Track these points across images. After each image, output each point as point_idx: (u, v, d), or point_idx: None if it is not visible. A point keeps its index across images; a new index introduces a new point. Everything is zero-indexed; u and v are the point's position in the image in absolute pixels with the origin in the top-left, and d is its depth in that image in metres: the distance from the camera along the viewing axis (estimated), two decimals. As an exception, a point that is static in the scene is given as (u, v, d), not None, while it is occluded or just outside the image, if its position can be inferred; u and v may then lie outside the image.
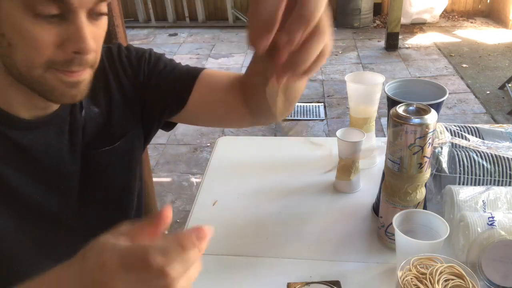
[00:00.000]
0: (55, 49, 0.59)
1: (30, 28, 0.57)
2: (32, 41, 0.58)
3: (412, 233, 0.82)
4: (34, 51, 0.59)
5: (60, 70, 0.61)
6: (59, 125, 0.74)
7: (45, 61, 0.59)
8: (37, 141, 0.70)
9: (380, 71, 4.14)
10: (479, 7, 5.70)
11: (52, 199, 0.74)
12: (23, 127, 0.68)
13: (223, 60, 4.65)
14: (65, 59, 0.60)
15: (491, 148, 1.01)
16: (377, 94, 1.13)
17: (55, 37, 0.59)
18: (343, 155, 1.09)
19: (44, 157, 0.71)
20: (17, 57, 0.60)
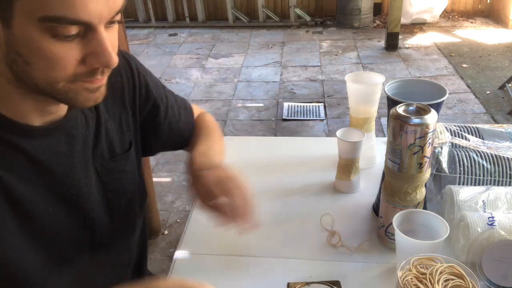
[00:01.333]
0: (78, 65, 0.59)
1: (50, 48, 0.57)
2: (54, 61, 0.58)
3: (412, 233, 0.82)
4: (56, 69, 0.59)
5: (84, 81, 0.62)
6: (70, 130, 0.73)
7: (68, 76, 0.60)
8: (49, 150, 0.69)
9: (380, 71, 4.14)
10: (479, 7, 5.69)
11: (63, 209, 0.72)
12: (36, 135, 0.67)
13: (223, 60, 4.65)
14: (88, 72, 0.61)
15: (491, 148, 1.01)
16: (377, 94, 1.13)
17: (77, 54, 0.59)
18: (343, 155, 1.09)
19: (56, 166, 0.70)
20: (35, 74, 0.59)
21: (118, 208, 0.84)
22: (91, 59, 0.60)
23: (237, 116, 3.51)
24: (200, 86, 4.08)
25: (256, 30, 5.51)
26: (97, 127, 0.79)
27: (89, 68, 0.60)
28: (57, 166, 0.70)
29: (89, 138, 0.77)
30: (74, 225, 0.75)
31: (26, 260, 0.68)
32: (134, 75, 0.88)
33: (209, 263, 0.95)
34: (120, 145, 0.83)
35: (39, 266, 0.70)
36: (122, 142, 0.84)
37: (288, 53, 4.76)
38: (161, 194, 2.68)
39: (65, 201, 0.72)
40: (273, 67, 4.43)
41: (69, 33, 0.56)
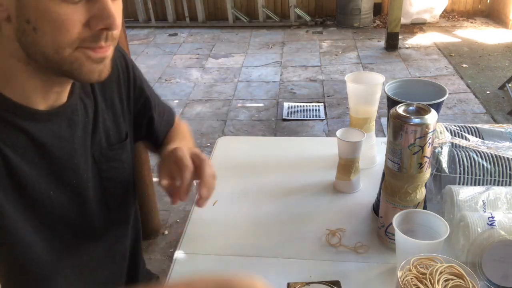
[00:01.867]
0: (83, 28, 0.61)
1: (57, 10, 0.59)
2: (59, 23, 0.59)
3: (412, 233, 0.82)
4: (62, 32, 0.60)
5: (88, 48, 0.63)
6: (71, 116, 0.74)
7: (73, 40, 0.61)
8: (52, 134, 0.71)
9: (380, 71, 4.14)
10: (479, 7, 5.69)
11: (63, 194, 0.73)
12: (39, 119, 0.69)
13: (223, 60, 4.65)
14: (92, 36, 0.62)
15: (491, 148, 1.01)
16: (377, 94, 1.13)
17: (82, 16, 0.60)
18: (343, 155, 1.09)
19: (58, 150, 0.72)
20: (43, 41, 0.61)
21: (114, 197, 0.85)
22: (95, 21, 0.61)
23: (237, 116, 3.51)
24: (200, 86, 4.07)
25: (256, 30, 5.51)
26: (95, 115, 0.80)
27: (93, 32, 0.62)
28: (59, 150, 0.72)
29: (88, 125, 0.78)
30: (74, 212, 0.76)
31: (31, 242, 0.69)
32: (129, 68, 0.89)
33: (209, 263, 0.95)
34: (116, 135, 0.85)
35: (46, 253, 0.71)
36: (119, 132, 0.85)
37: (288, 53, 4.76)
38: (161, 194, 2.68)
39: (66, 185, 0.73)
40: (273, 67, 4.43)
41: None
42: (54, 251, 0.73)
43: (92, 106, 0.80)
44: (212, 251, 0.98)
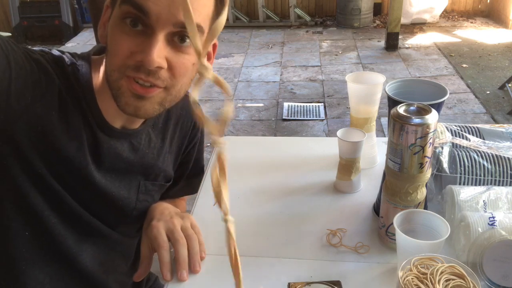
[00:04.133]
0: (129, 56, 0.67)
1: (120, 36, 0.67)
2: (116, 46, 0.68)
3: (412, 233, 0.82)
4: (116, 54, 0.68)
5: (131, 79, 0.68)
6: (133, 141, 0.83)
7: (120, 64, 0.68)
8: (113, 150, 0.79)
9: (380, 71, 4.14)
10: (479, 7, 5.70)
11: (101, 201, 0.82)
12: (112, 134, 0.78)
13: (223, 60, 4.65)
14: (135, 66, 0.67)
15: (491, 148, 1.01)
16: (377, 94, 1.13)
17: (132, 46, 0.67)
18: (343, 155, 1.09)
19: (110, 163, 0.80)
20: (107, 61, 0.70)
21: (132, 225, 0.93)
22: (137, 54, 0.66)
23: (237, 116, 3.51)
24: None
25: (256, 30, 5.51)
26: (159, 154, 0.89)
27: (135, 62, 0.67)
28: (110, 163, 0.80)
29: (147, 157, 0.86)
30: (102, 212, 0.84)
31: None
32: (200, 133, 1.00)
33: (209, 263, 0.95)
34: (164, 177, 0.93)
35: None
36: (167, 175, 0.94)
37: (288, 53, 4.76)
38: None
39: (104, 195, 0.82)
40: (273, 67, 4.43)
41: (135, 26, 0.66)
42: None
43: (159, 144, 0.89)
44: (212, 251, 0.98)
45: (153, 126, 0.87)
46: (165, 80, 0.69)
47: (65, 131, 0.71)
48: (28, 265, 0.77)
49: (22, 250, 0.75)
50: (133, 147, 0.83)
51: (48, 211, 0.75)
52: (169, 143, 0.91)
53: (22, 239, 0.75)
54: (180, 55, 0.69)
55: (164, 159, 0.91)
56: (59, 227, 0.77)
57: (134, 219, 0.90)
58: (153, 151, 0.87)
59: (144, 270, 0.86)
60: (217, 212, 1.15)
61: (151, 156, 0.87)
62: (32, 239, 0.76)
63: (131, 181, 0.86)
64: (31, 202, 0.73)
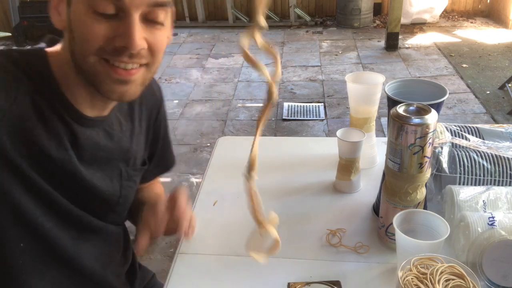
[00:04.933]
0: (106, 42, 0.66)
1: (89, 22, 0.65)
2: (87, 33, 0.66)
3: (412, 233, 0.82)
4: (89, 40, 0.66)
5: (110, 64, 0.67)
6: (107, 128, 0.81)
7: (95, 49, 0.66)
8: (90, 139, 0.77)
9: (380, 71, 4.14)
10: (479, 7, 5.69)
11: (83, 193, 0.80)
12: (85, 124, 0.76)
13: (223, 60, 4.65)
14: (114, 50, 0.66)
15: (491, 148, 1.01)
16: (377, 94, 1.13)
17: (107, 32, 0.65)
18: (343, 155, 1.09)
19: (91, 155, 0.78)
20: (76, 48, 0.68)
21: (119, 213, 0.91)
22: (117, 39, 0.66)
23: (237, 116, 3.51)
24: (200, 86, 4.07)
25: (256, 30, 5.51)
26: (131, 136, 0.87)
27: (114, 48, 0.66)
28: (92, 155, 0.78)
29: (121, 142, 0.84)
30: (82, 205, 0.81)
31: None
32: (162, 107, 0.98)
33: (209, 263, 0.95)
34: (141, 159, 0.92)
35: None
36: (142, 157, 0.93)
37: (288, 53, 4.76)
38: (161, 194, 2.68)
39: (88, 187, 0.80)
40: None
41: (106, 11, 0.64)
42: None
43: (129, 127, 0.87)
44: (212, 251, 0.98)
45: (119, 110, 0.85)
46: (145, 58, 0.70)
47: (43, 129, 0.70)
48: (28, 276, 0.76)
49: (19, 262, 0.74)
50: (108, 134, 0.81)
51: (42, 216, 0.74)
52: (138, 123, 0.90)
53: (19, 251, 0.74)
54: (155, 32, 0.70)
55: (137, 141, 0.89)
56: (55, 231, 0.76)
57: (121, 207, 0.89)
58: (126, 135, 0.86)
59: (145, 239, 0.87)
60: (217, 212, 1.15)
61: (125, 140, 0.86)
62: (29, 250, 0.74)
63: (113, 170, 0.84)
64: (24, 209, 0.71)
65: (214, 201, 1.14)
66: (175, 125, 3.42)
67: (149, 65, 0.72)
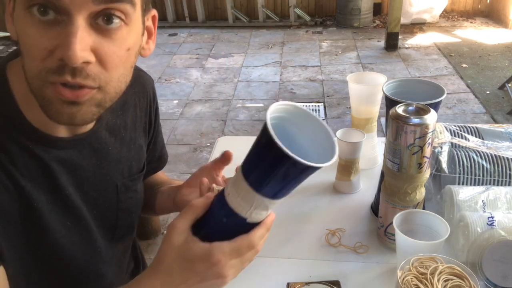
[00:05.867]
0: (47, 56, 0.53)
1: (30, 32, 0.53)
2: (30, 46, 0.54)
3: (412, 233, 0.82)
4: (31, 57, 0.54)
5: (56, 85, 0.55)
6: (94, 144, 0.72)
7: (38, 70, 0.54)
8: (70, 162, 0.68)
9: (380, 71, 4.14)
10: (479, 7, 5.69)
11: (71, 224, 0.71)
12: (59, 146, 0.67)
13: (223, 60, 4.65)
14: (56, 67, 0.54)
15: (490, 148, 1.01)
16: (378, 95, 1.12)
17: (48, 42, 0.53)
18: (343, 156, 1.09)
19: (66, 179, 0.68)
20: (25, 67, 0.56)
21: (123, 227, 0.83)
22: (57, 49, 0.53)
23: (237, 116, 3.51)
24: (200, 86, 4.07)
25: (256, 30, 5.51)
26: (122, 146, 0.79)
27: (57, 62, 0.53)
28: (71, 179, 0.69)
29: (111, 154, 0.76)
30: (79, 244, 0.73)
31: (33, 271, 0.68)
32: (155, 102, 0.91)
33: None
34: (137, 165, 0.84)
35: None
36: (139, 162, 0.85)
37: (288, 53, 4.76)
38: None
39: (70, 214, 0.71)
40: (273, 67, 4.43)
41: (44, 14, 0.52)
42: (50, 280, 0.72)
43: (121, 134, 0.79)
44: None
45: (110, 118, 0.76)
46: (96, 77, 0.55)
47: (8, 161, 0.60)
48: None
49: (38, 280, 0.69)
50: (95, 150, 0.72)
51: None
52: (133, 127, 0.81)
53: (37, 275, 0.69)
54: (109, 41, 0.55)
55: (131, 147, 0.81)
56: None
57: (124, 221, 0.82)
58: (116, 144, 0.76)
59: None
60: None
61: (115, 151, 0.76)
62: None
63: (107, 187, 0.76)
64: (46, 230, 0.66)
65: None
66: (175, 125, 3.42)
67: (101, 87, 0.57)
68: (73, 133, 0.68)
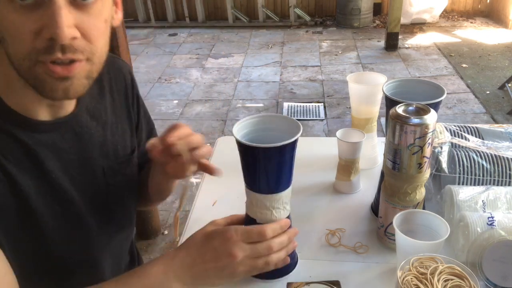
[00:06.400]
0: (35, 38, 0.57)
1: (12, 18, 0.56)
2: (14, 31, 0.57)
3: (412, 233, 0.82)
4: (17, 41, 0.57)
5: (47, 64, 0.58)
6: (75, 128, 0.74)
7: (28, 51, 0.57)
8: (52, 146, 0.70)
9: (380, 71, 4.14)
10: (479, 7, 5.70)
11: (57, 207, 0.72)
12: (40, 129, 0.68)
13: (223, 60, 4.65)
14: (46, 47, 0.57)
15: (490, 148, 1.01)
16: (379, 95, 1.12)
17: (32, 25, 0.56)
18: (343, 156, 1.09)
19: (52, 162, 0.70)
20: (9, 51, 0.59)
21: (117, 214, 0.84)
22: (44, 30, 0.56)
23: (237, 116, 3.51)
24: (200, 86, 4.08)
25: (256, 30, 5.51)
26: (104, 129, 0.80)
27: (46, 42, 0.57)
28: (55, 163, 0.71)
29: (93, 137, 0.77)
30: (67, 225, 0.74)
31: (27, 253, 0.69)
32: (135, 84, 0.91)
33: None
34: (124, 149, 0.85)
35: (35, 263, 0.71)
36: (125, 146, 0.85)
37: (288, 53, 4.76)
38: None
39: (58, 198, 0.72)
40: (273, 67, 4.43)
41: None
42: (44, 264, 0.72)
43: (102, 119, 0.80)
44: (212, 251, 0.98)
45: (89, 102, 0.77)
46: (84, 50, 0.60)
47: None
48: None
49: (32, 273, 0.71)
50: (76, 134, 0.74)
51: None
52: (112, 111, 0.83)
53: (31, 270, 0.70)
54: (89, 16, 0.59)
55: (115, 131, 0.82)
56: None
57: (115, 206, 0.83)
58: (98, 128, 0.78)
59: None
60: (217, 212, 1.15)
61: (98, 134, 0.78)
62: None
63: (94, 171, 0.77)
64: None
65: (213, 201, 1.14)
66: (175, 125, 3.42)
67: (89, 58, 0.62)
68: (54, 116, 0.70)
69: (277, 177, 0.78)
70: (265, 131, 0.82)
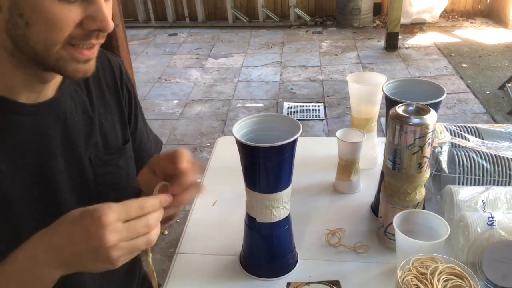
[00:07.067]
0: (76, 28, 0.63)
1: (52, 8, 0.60)
2: (53, 21, 0.61)
3: (412, 233, 0.82)
4: (56, 31, 0.62)
5: (74, 47, 0.64)
6: (57, 113, 0.73)
7: (64, 38, 0.62)
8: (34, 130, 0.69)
9: (380, 71, 4.14)
10: (479, 7, 5.70)
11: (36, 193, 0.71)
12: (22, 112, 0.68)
13: (223, 60, 4.65)
14: (84, 34, 0.64)
15: (490, 148, 1.01)
16: (379, 95, 1.12)
17: (76, 17, 0.62)
18: (343, 156, 1.09)
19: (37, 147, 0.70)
20: (35, 37, 0.62)
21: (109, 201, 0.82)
22: (88, 22, 0.63)
23: (237, 116, 3.51)
24: (200, 86, 4.07)
25: (256, 30, 5.51)
26: (91, 118, 0.79)
27: (86, 31, 0.64)
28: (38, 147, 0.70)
29: (78, 125, 0.77)
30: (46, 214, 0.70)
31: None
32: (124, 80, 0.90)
33: (209, 263, 0.95)
34: (115, 140, 0.84)
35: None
36: (117, 137, 0.85)
37: (288, 53, 4.76)
38: (161, 194, 2.68)
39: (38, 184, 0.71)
40: (273, 67, 4.43)
41: None
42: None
43: (88, 107, 0.79)
44: (212, 251, 0.98)
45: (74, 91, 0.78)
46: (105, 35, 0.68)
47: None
48: None
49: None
50: (59, 118, 0.73)
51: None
52: (101, 103, 0.83)
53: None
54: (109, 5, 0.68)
55: (102, 121, 0.81)
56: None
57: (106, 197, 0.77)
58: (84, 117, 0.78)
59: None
60: (217, 212, 1.14)
61: (83, 123, 0.78)
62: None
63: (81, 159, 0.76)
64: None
65: (213, 201, 1.14)
66: (175, 125, 3.42)
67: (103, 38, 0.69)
68: (35, 100, 0.70)
69: (277, 176, 0.79)
70: (265, 131, 0.83)
